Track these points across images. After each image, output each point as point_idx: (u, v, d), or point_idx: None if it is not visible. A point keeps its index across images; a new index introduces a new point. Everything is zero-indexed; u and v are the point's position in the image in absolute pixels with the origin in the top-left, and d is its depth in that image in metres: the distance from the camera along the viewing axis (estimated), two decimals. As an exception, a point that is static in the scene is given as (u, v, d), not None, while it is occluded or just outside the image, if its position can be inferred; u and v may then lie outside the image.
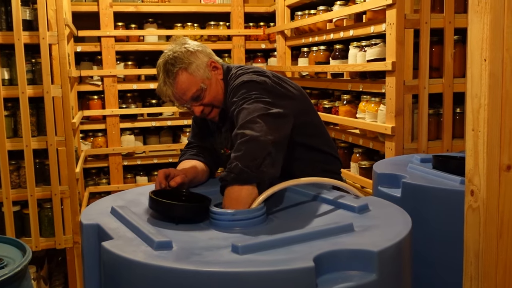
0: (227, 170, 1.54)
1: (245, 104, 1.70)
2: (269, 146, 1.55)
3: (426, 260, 1.90)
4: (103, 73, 4.06)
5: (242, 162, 1.51)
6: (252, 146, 1.54)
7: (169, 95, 1.91)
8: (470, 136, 1.32)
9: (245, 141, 1.56)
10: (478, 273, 1.33)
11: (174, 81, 1.88)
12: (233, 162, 1.53)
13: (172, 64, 1.88)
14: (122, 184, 4.14)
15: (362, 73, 2.97)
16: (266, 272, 1.14)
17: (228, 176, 1.53)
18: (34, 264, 3.11)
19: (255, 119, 1.61)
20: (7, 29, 2.93)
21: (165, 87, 1.89)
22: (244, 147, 1.55)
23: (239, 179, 1.51)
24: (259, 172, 1.52)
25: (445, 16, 2.58)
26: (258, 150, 1.54)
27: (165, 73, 1.89)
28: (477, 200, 1.32)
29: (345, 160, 3.28)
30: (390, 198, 1.89)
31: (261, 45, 4.50)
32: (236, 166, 1.52)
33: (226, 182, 1.54)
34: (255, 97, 1.73)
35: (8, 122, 2.97)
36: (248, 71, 1.92)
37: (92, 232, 1.47)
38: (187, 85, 1.89)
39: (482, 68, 1.27)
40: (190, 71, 1.89)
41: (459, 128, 2.73)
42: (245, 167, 1.50)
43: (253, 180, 1.52)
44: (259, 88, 1.79)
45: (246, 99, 1.73)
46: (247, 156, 1.52)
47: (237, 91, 1.81)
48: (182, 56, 1.89)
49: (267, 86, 1.82)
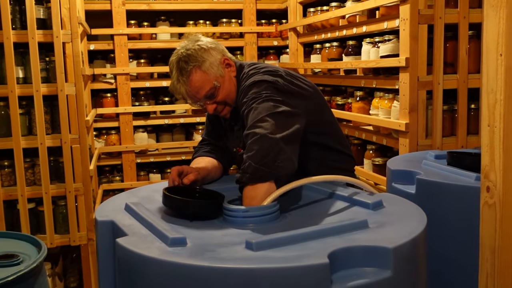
0: (241, 172, 1.54)
1: (255, 104, 1.71)
2: (279, 142, 1.56)
3: (441, 257, 1.89)
4: (116, 71, 4.08)
5: (255, 161, 1.52)
6: (262, 144, 1.54)
7: (182, 93, 1.90)
8: (486, 131, 1.30)
9: (256, 140, 1.56)
10: (494, 269, 1.32)
11: (188, 79, 1.87)
12: (246, 162, 1.54)
13: (186, 61, 1.87)
14: (135, 181, 4.16)
15: (375, 69, 2.95)
16: (280, 269, 1.14)
17: (243, 177, 1.53)
18: (49, 261, 3.14)
19: (264, 118, 1.62)
20: (21, 28, 2.95)
21: (178, 85, 1.89)
22: (255, 146, 1.55)
23: (255, 178, 1.51)
24: (274, 168, 1.52)
25: (460, 11, 2.55)
26: (269, 146, 1.54)
27: (179, 71, 1.88)
28: (493, 196, 1.30)
29: (359, 157, 3.27)
30: (405, 195, 1.88)
31: (273, 42, 4.49)
32: (249, 165, 1.52)
33: (242, 184, 1.54)
34: (265, 96, 1.73)
35: (22, 120, 3.00)
36: (261, 70, 1.90)
37: (107, 229, 1.48)
38: (201, 83, 1.88)
39: (498, 63, 1.25)
40: (204, 69, 1.88)
41: (473, 124, 2.71)
42: (259, 165, 1.51)
43: (269, 177, 1.52)
44: (270, 88, 1.78)
45: (256, 99, 1.73)
46: (259, 154, 1.53)
47: (247, 91, 1.81)
48: (195, 53, 1.88)
49: (278, 86, 1.81)
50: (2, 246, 1.78)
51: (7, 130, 2.97)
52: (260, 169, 1.51)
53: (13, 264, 1.62)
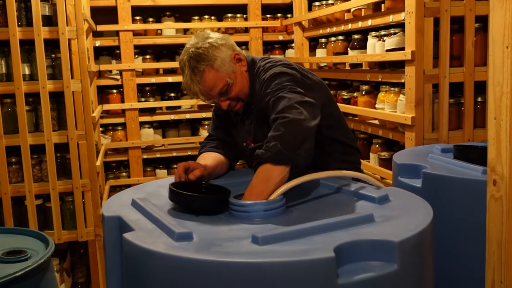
0: (265, 148, 1.55)
1: (282, 93, 1.70)
2: (309, 130, 1.57)
3: (448, 251, 1.89)
4: (121, 67, 4.08)
5: (282, 143, 1.52)
6: (293, 128, 1.55)
7: (196, 92, 1.90)
8: (492, 124, 1.30)
9: (286, 122, 1.57)
10: (501, 263, 1.31)
11: (201, 79, 1.86)
12: (271, 141, 1.54)
13: (198, 61, 1.85)
14: (142, 177, 4.17)
15: (381, 63, 2.94)
16: (287, 263, 1.14)
17: (266, 154, 1.53)
18: (57, 256, 3.15)
19: (295, 105, 1.62)
20: (27, 25, 2.96)
21: (192, 84, 1.88)
22: (284, 128, 1.56)
23: (275, 159, 1.52)
24: (295, 155, 1.53)
25: (466, 4, 2.53)
26: (299, 132, 1.55)
27: (191, 70, 1.86)
28: (500, 189, 1.30)
29: (365, 151, 3.26)
30: (411, 189, 1.88)
31: (278, 37, 4.48)
32: (275, 145, 1.52)
33: (261, 160, 1.54)
34: (290, 87, 1.73)
35: (29, 117, 3.01)
36: (278, 63, 1.91)
37: (114, 224, 1.48)
38: (214, 82, 1.87)
39: (505, 55, 1.24)
40: (216, 67, 1.87)
41: (480, 117, 2.70)
42: (284, 149, 1.52)
43: (288, 162, 1.53)
44: (290, 80, 1.79)
45: (282, 89, 1.73)
46: (287, 137, 1.54)
47: (270, 82, 1.81)
48: (206, 52, 1.86)
49: (297, 79, 1.83)
50: (10, 242, 1.79)
51: (14, 127, 2.98)
52: (284, 153, 1.52)
53: (21, 260, 1.63)
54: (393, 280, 1.21)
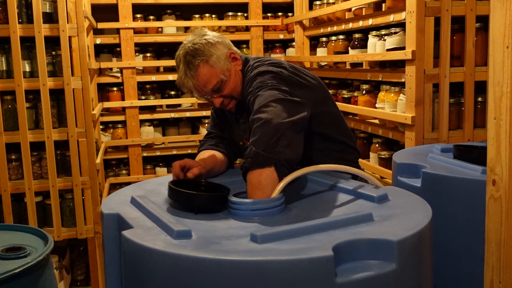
0: (245, 156, 1.55)
1: (261, 91, 1.72)
2: (281, 127, 1.56)
3: (447, 250, 1.89)
4: (122, 65, 4.08)
5: (257, 145, 1.52)
6: (265, 129, 1.55)
7: (190, 87, 1.91)
8: (492, 124, 1.29)
9: (259, 125, 1.57)
10: (500, 263, 1.31)
11: (196, 73, 1.88)
12: (249, 146, 1.55)
13: (193, 56, 1.87)
14: (142, 175, 4.18)
15: (381, 62, 2.94)
16: (285, 261, 1.14)
17: (246, 162, 1.54)
18: (56, 253, 3.16)
19: (269, 103, 1.63)
20: (27, 21, 2.96)
21: (186, 79, 1.89)
22: (258, 130, 1.56)
23: (256, 163, 1.52)
24: (275, 153, 1.52)
25: (467, 3, 2.53)
26: (271, 131, 1.54)
27: (186, 65, 1.88)
28: (499, 189, 1.30)
29: (365, 150, 3.26)
30: (410, 188, 1.88)
31: (279, 36, 4.48)
32: (251, 150, 1.53)
33: (245, 169, 1.55)
34: (271, 85, 1.74)
35: (29, 114, 3.01)
36: (265, 62, 1.92)
37: (113, 221, 1.48)
38: (208, 77, 1.89)
39: (505, 55, 1.24)
40: (211, 63, 1.89)
41: (480, 117, 2.69)
42: (260, 150, 1.51)
43: (269, 162, 1.52)
44: (275, 78, 1.80)
45: (262, 87, 1.75)
46: (261, 139, 1.54)
47: (253, 80, 1.82)
48: (202, 48, 1.88)
49: (283, 76, 1.83)
50: (10, 239, 1.79)
51: (14, 124, 2.98)
52: (261, 154, 1.51)
53: (20, 256, 1.63)
54: (392, 279, 1.21)
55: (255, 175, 1.52)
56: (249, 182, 1.54)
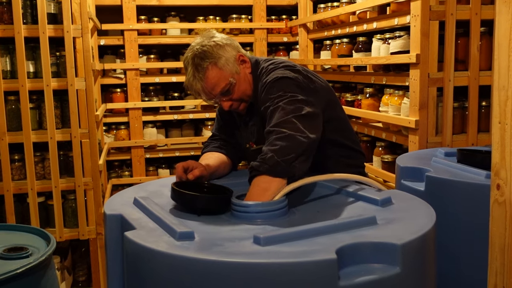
0: (260, 161, 1.53)
1: (281, 103, 1.68)
2: (304, 144, 1.56)
3: (450, 255, 1.88)
4: (126, 66, 4.09)
5: (279, 155, 1.52)
6: (288, 143, 1.55)
7: (198, 89, 1.89)
8: (497, 128, 1.29)
9: (282, 137, 1.56)
10: (503, 268, 1.31)
11: (204, 76, 1.86)
12: (268, 153, 1.53)
13: (201, 58, 1.85)
14: (145, 176, 4.18)
15: (385, 66, 2.94)
16: (288, 264, 1.14)
17: (262, 166, 1.52)
18: (58, 254, 3.16)
19: (291, 119, 1.61)
20: (32, 22, 2.96)
21: (194, 81, 1.87)
22: (280, 142, 1.55)
23: (273, 171, 1.51)
24: (292, 167, 1.53)
25: (471, 8, 2.53)
26: (294, 146, 1.54)
27: (194, 67, 1.86)
28: (503, 194, 1.29)
29: (368, 154, 3.25)
30: (414, 192, 1.87)
31: (283, 38, 4.48)
32: (271, 158, 1.52)
33: (257, 172, 1.53)
34: (290, 95, 1.70)
35: (33, 115, 3.01)
36: (280, 65, 1.89)
37: (115, 222, 1.48)
38: (217, 80, 1.87)
39: (510, 59, 1.24)
40: (220, 66, 1.87)
41: (484, 121, 2.69)
42: (281, 161, 1.51)
43: (285, 174, 1.53)
44: (292, 85, 1.76)
45: (282, 97, 1.70)
46: (284, 151, 1.53)
47: (271, 87, 1.78)
48: (211, 50, 1.86)
49: (299, 83, 1.79)
50: (12, 239, 1.79)
51: (17, 124, 2.98)
52: (281, 164, 1.51)
53: (22, 256, 1.63)
54: (395, 283, 1.20)
55: (267, 180, 1.52)
56: (257, 185, 1.53)
